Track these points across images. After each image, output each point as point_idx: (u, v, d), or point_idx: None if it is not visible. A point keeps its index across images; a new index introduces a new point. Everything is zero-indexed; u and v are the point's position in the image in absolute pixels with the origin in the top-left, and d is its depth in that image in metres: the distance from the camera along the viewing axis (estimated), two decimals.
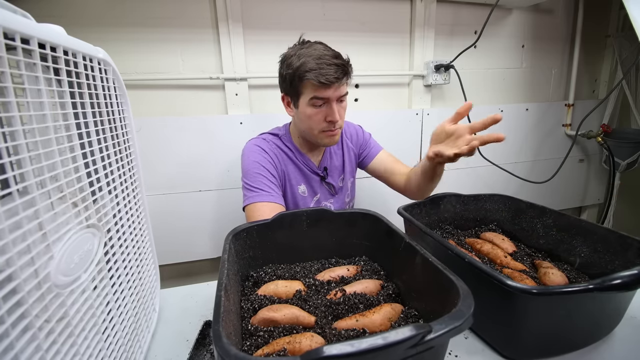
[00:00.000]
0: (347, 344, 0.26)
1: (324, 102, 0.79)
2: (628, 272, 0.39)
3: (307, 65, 0.75)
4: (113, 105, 0.44)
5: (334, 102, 0.79)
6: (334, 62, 0.76)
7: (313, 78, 0.74)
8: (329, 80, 0.74)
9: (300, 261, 0.62)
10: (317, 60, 0.75)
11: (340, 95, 0.80)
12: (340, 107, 0.82)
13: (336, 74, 0.75)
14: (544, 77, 1.70)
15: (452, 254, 0.50)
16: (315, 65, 0.75)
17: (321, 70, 0.74)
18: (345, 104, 0.85)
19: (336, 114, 0.80)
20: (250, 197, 0.82)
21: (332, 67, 0.75)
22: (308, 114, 0.81)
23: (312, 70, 0.75)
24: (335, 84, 0.76)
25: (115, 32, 1.11)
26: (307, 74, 0.75)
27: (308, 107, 0.80)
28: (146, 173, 0.71)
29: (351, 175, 1.02)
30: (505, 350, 0.48)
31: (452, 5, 1.45)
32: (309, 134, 0.85)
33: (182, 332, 0.56)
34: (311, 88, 0.77)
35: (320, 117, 0.81)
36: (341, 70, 0.76)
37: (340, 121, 0.83)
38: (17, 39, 0.26)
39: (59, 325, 0.29)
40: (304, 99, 0.80)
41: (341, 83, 0.78)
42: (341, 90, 0.80)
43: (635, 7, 0.96)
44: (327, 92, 0.77)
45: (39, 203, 0.28)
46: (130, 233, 0.47)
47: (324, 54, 0.77)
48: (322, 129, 0.82)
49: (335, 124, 0.82)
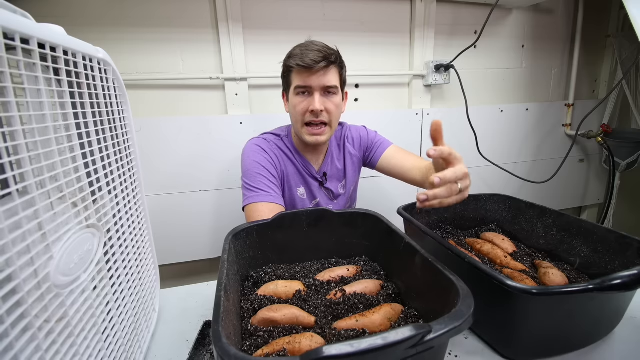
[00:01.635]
0: (346, 344, 0.26)
1: (307, 90, 0.80)
2: (628, 272, 0.39)
3: (293, 53, 0.80)
4: (113, 105, 0.44)
5: (317, 92, 0.79)
6: (316, 48, 0.78)
7: (292, 63, 0.78)
8: (307, 63, 0.76)
9: (300, 261, 0.62)
10: (302, 48, 0.79)
11: (325, 86, 0.79)
12: (327, 101, 0.81)
13: (315, 58, 0.76)
14: (544, 77, 1.70)
15: (452, 254, 0.50)
16: (299, 52, 0.78)
17: (303, 55, 0.77)
18: (337, 101, 0.83)
19: (316, 102, 0.79)
20: (249, 197, 0.82)
21: (314, 52, 0.77)
22: (294, 104, 0.82)
23: (295, 55, 0.78)
24: (315, 70, 0.77)
25: (115, 32, 1.11)
26: (290, 60, 0.79)
27: (294, 97, 0.82)
28: (146, 173, 0.71)
29: (353, 181, 1.01)
30: (505, 351, 0.48)
31: (452, 5, 1.45)
32: (295, 128, 0.86)
33: (182, 332, 0.56)
34: (296, 76, 0.80)
35: (304, 107, 0.81)
36: (322, 55, 0.77)
37: (328, 116, 0.82)
38: (16, 39, 0.26)
39: (58, 326, 0.29)
40: (292, 90, 0.82)
41: (323, 69, 0.78)
42: (326, 80, 0.79)
43: (635, 7, 0.96)
44: (309, 79, 0.78)
45: (39, 203, 0.28)
46: (130, 233, 0.47)
47: (310, 44, 0.80)
48: (305, 121, 0.82)
49: (317, 116, 0.80)
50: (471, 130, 1.43)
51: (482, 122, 1.51)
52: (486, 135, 1.52)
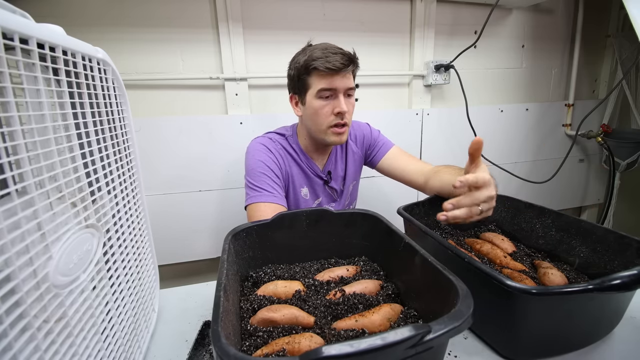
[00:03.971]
0: (346, 344, 0.26)
1: (332, 93, 0.79)
2: (628, 272, 0.39)
3: (313, 55, 0.77)
4: (112, 105, 0.44)
5: (341, 94, 0.79)
6: (339, 51, 0.77)
7: (320, 65, 0.76)
8: (335, 66, 0.75)
9: (300, 261, 0.62)
10: (324, 51, 0.77)
11: (348, 87, 0.80)
12: (348, 102, 0.81)
13: (342, 61, 0.76)
14: (544, 77, 1.70)
15: (451, 254, 0.50)
16: (322, 54, 0.77)
17: (327, 57, 0.76)
18: (353, 102, 0.84)
19: (343, 103, 0.79)
20: (252, 197, 0.81)
21: (338, 55, 0.76)
22: (315, 108, 0.80)
23: (319, 58, 0.76)
24: (341, 72, 0.77)
25: (115, 32, 1.11)
26: (314, 63, 0.76)
27: (315, 100, 0.80)
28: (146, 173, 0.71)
29: (354, 179, 1.01)
30: (504, 351, 0.48)
31: (452, 5, 1.45)
32: (317, 130, 0.84)
33: (182, 333, 0.56)
34: (318, 79, 0.78)
35: (328, 110, 0.80)
36: (347, 58, 0.77)
37: (348, 117, 0.83)
38: (15, 39, 0.26)
39: (57, 326, 0.29)
40: (312, 93, 0.80)
41: (347, 71, 0.78)
42: (348, 82, 0.80)
43: (635, 7, 0.96)
44: (334, 81, 0.77)
45: (38, 203, 0.28)
46: (129, 233, 0.47)
47: (329, 46, 0.79)
48: (330, 123, 0.81)
49: (343, 117, 0.81)
50: (471, 130, 1.43)
51: (482, 122, 1.51)
52: (486, 135, 1.51)
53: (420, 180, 0.86)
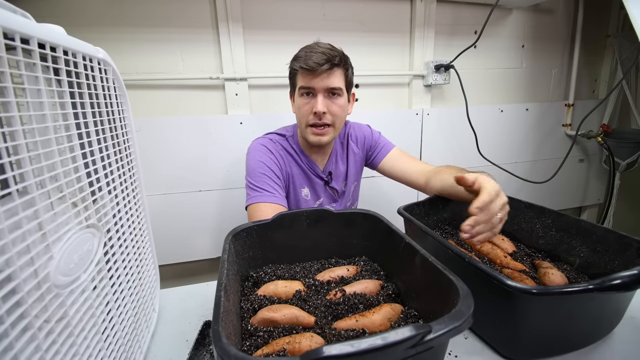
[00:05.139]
0: (346, 344, 0.26)
1: (310, 92, 0.80)
2: (628, 272, 0.39)
3: (298, 54, 0.80)
4: (113, 105, 0.44)
5: (320, 94, 0.79)
6: (321, 50, 0.77)
7: (296, 65, 0.78)
8: (309, 65, 0.76)
9: (300, 261, 0.62)
10: (306, 50, 0.79)
11: (329, 87, 0.79)
12: (331, 103, 0.81)
13: (318, 60, 0.76)
14: (544, 77, 1.70)
15: (452, 254, 0.50)
16: (303, 54, 0.78)
17: (307, 56, 0.77)
18: (341, 103, 0.83)
19: (319, 104, 0.79)
20: (253, 197, 0.81)
21: (318, 54, 0.76)
22: (298, 105, 0.83)
23: (300, 57, 0.79)
24: (319, 72, 0.76)
25: (115, 32, 1.11)
26: (294, 63, 0.80)
27: (299, 98, 0.83)
28: (146, 173, 0.71)
29: (355, 179, 1.01)
30: (505, 351, 0.48)
31: (452, 5, 1.45)
32: (300, 128, 0.87)
33: (182, 332, 0.56)
34: (300, 77, 0.80)
35: (308, 108, 0.81)
36: (326, 57, 0.76)
37: (332, 118, 0.82)
38: (16, 39, 0.26)
39: (58, 326, 0.29)
40: (297, 91, 0.82)
41: (327, 72, 0.77)
42: (329, 82, 0.79)
43: (635, 7, 0.96)
44: (312, 80, 0.78)
45: (39, 203, 0.28)
46: (130, 233, 0.47)
47: (316, 45, 0.80)
48: (309, 122, 0.82)
49: (320, 117, 0.80)
50: (471, 130, 1.43)
51: (482, 122, 1.51)
52: (486, 135, 1.52)
53: (421, 181, 0.86)
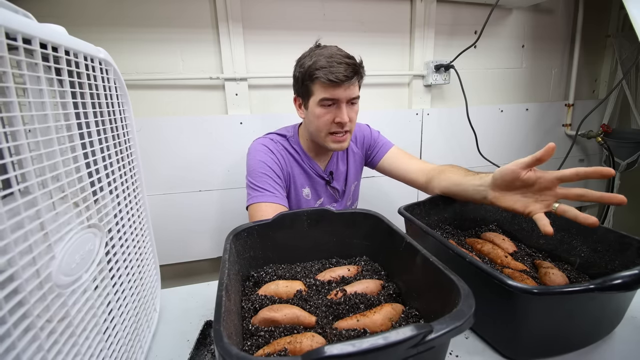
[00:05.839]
0: (348, 343, 0.26)
1: (333, 102, 0.79)
2: (628, 272, 0.39)
3: (317, 64, 0.76)
4: (114, 105, 0.44)
5: (344, 104, 0.79)
6: (344, 61, 0.75)
7: (322, 76, 0.74)
8: (338, 78, 0.74)
9: (301, 261, 0.62)
10: (328, 59, 0.75)
11: (351, 97, 0.79)
12: (350, 110, 0.81)
13: (346, 72, 0.74)
14: (544, 77, 1.70)
15: (453, 254, 0.50)
16: (326, 63, 0.75)
17: (331, 68, 0.74)
18: (357, 109, 0.83)
19: (345, 114, 0.79)
20: (254, 197, 0.81)
21: (343, 65, 0.74)
22: (317, 114, 0.80)
23: (322, 68, 0.75)
24: (345, 84, 0.76)
25: (115, 32, 1.11)
26: (317, 72, 0.75)
27: (317, 108, 0.80)
28: (146, 173, 0.71)
29: (355, 179, 1.01)
30: (505, 350, 0.48)
31: (452, 5, 1.45)
32: (317, 136, 0.84)
33: (183, 332, 0.56)
34: (321, 88, 0.77)
35: (329, 118, 0.80)
36: (351, 69, 0.75)
37: (351, 124, 0.82)
38: (18, 39, 0.26)
39: (60, 325, 0.29)
40: (314, 100, 0.79)
41: (351, 83, 0.77)
42: (352, 92, 0.79)
43: (635, 7, 0.96)
44: (336, 91, 0.76)
45: (41, 203, 0.28)
46: (131, 233, 0.47)
47: (335, 53, 0.77)
48: (330, 131, 0.81)
49: (343, 126, 0.80)
50: (471, 130, 1.43)
51: (482, 122, 1.51)
52: (486, 135, 1.52)
53: (421, 179, 0.85)
